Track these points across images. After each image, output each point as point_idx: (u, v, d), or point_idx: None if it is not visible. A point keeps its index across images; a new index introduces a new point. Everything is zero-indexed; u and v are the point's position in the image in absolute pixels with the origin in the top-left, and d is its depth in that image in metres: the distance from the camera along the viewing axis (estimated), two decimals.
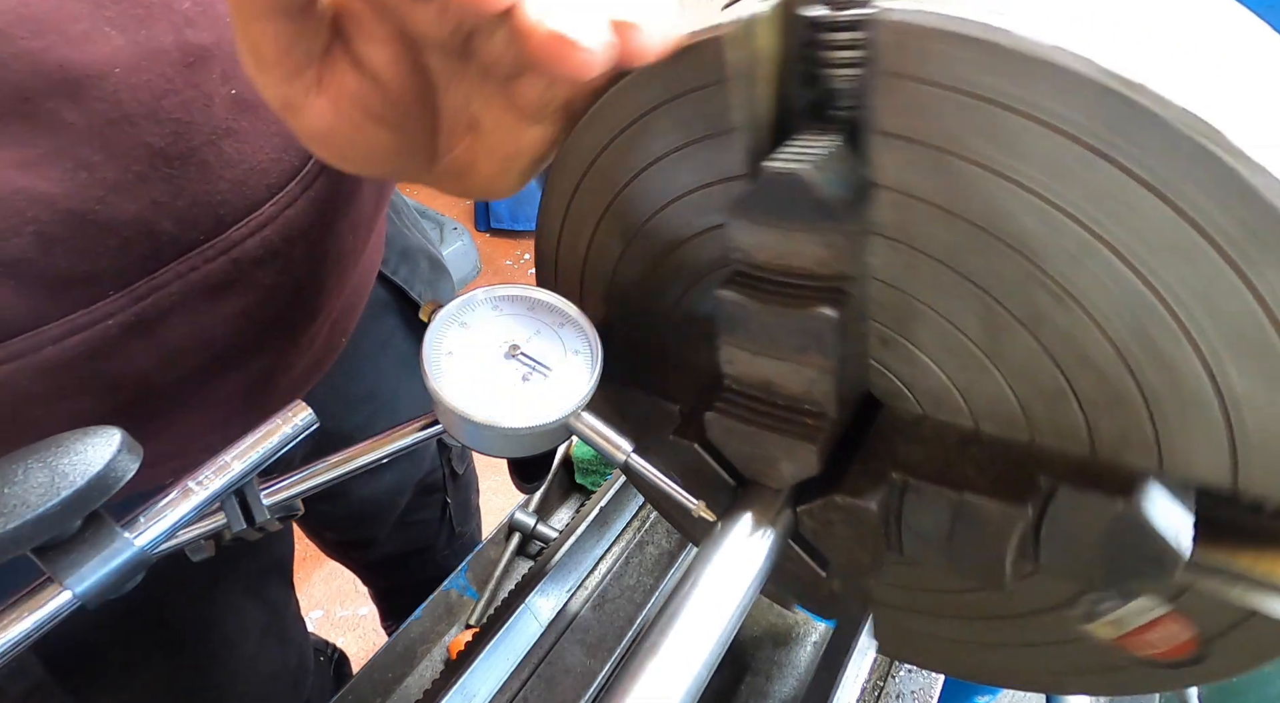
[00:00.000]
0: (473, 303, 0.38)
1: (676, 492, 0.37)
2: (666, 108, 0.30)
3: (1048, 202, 0.23)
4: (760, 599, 0.37)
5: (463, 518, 1.04)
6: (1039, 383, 0.27)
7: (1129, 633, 0.30)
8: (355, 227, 0.54)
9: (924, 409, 0.32)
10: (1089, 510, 0.26)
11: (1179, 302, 0.23)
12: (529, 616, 0.58)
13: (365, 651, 1.59)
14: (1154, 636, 0.29)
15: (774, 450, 0.33)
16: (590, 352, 0.37)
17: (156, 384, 0.44)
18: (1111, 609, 0.30)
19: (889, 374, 0.32)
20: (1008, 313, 0.27)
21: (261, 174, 0.43)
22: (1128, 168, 0.21)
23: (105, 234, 0.38)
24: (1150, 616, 0.29)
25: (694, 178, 0.32)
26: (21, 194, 0.34)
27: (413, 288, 0.71)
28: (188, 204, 0.40)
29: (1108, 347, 0.25)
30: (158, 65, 0.37)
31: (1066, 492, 0.27)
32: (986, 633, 0.37)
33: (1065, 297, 0.25)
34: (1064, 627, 0.33)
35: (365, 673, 0.71)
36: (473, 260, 2.32)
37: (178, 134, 0.38)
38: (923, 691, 0.58)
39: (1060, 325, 0.26)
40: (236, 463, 0.34)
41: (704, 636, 0.29)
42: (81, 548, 0.30)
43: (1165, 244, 0.22)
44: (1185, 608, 0.28)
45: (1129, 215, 0.22)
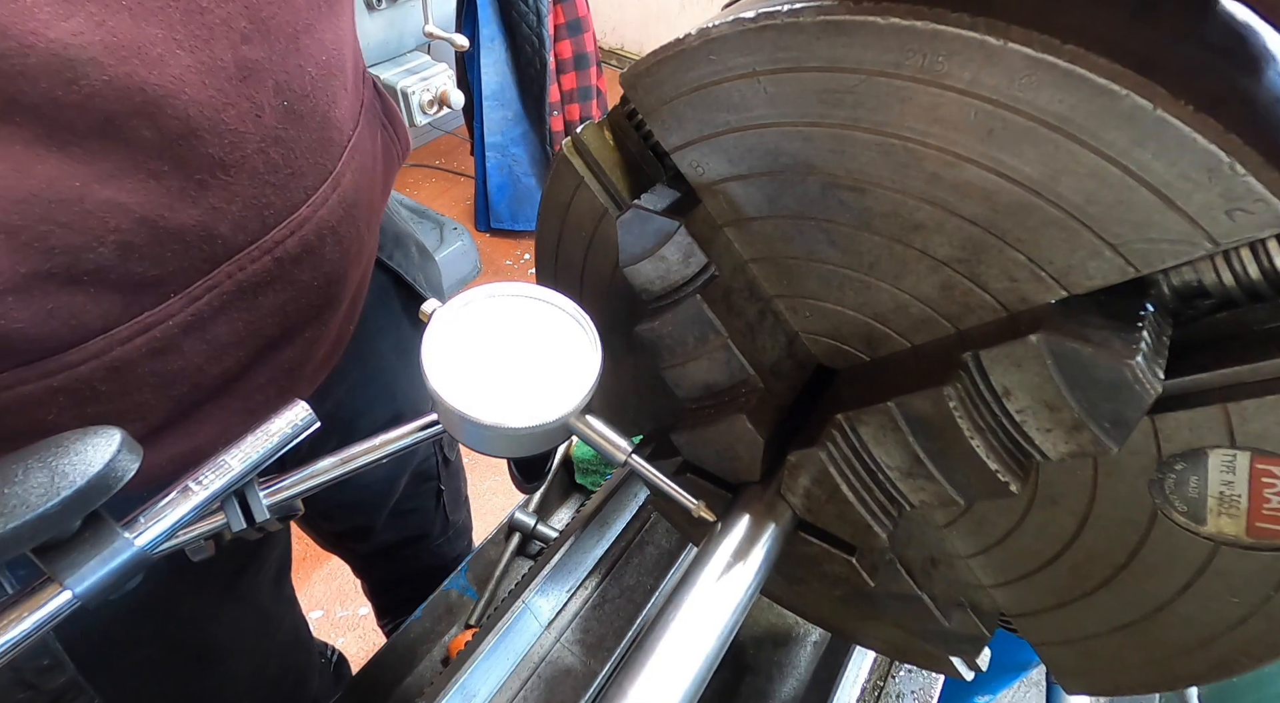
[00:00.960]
0: (473, 303, 0.37)
1: (676, 492, 0.37)
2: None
3: (800, 125, 0.28)
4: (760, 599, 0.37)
5: (455, 505, 1.05)
6: (914, 270, 0.29)
7: (1252, 513, 0.26)
8: (369, 219, 0.57)
9: (864, 352, 0.33)
10: (1017, 361, 0.25)
11: (973, 156, 0.25)
12: (529, 616, 0.58)
13: (365, 651, 1.59)
14: (1274, 502, 0.25)
15: (726, 438, 0.34)
16: (590, 351, 0.37)
17: (206, 378, 0.47)
18: (1193, 482, 0.27)
19: (817, 337, 0.34)
20: (844, 227, 0.29)
21: (300, 177, 0.46)
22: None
23: (172, 239, 0.40)
24: (1234, 474, 0.26)
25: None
26: (107, 205, 0.37)
27: (408, 273, 0.73)
28: (240, 208, 0.43)
29: (933, 210, 0.27)
30: (218, 80, 0.39)
31: (988, 355, 0.26)
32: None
33: (869, 187, 0.28)
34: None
35: (365, 673, 0.71)
36: (473, 260, 2.32)
37: (234, 144, 0.41)
38: (923, 690, 0.58)
39: (883, 211, 0.28)
40: (236, 463, 0.34)
41: (704, 636, 0.29)
42: (81, 548, 0.30)
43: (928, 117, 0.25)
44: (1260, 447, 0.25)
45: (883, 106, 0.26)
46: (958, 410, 0.27)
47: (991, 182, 0.25)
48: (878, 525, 0.32)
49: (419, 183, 2.75)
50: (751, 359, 0.34)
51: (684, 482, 0.38)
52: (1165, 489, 0.27)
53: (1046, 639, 0.34)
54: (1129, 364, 0.23)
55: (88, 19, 0.33)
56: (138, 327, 0.41)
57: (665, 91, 0.30)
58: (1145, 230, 0.23)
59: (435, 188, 2.75)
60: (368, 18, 1.65)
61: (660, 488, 0.37)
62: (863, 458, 0.31)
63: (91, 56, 0.33)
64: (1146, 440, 0.27)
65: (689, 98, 0.29)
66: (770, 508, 0.34)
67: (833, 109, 0.26)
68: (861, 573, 0.34)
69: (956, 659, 0.38)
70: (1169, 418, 0.26)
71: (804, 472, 0.33)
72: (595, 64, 2.15)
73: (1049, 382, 0.25)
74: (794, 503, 0.34)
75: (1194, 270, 0.24)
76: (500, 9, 1.99)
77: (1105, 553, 0.30)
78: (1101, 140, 0.22)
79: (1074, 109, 0.22)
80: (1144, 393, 0.23)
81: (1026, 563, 0.33)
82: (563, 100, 2.16)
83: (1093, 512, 0.29)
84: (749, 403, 0.34)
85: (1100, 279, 0.25)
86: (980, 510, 0.32)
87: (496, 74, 2.10)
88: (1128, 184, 0.23)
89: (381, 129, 0.60)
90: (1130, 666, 0.32)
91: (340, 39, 0.49)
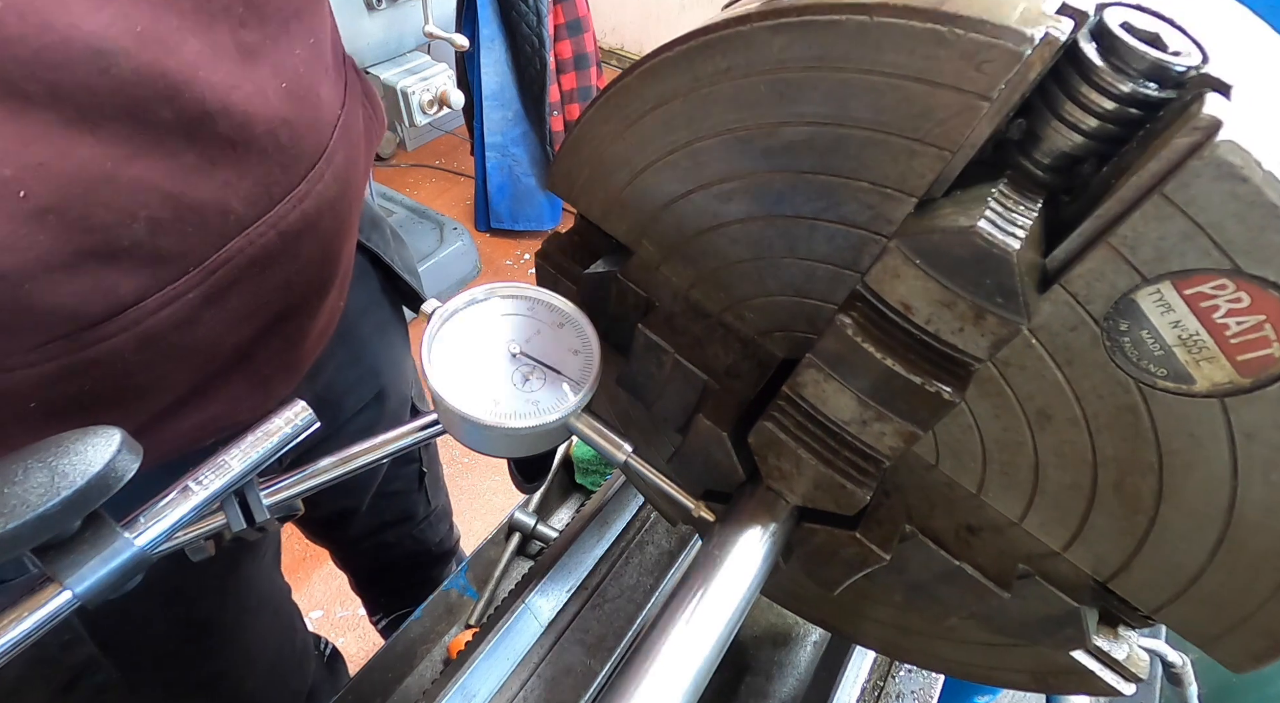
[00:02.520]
0: (473, 303, 0.37)
1: (675, 491, 0.37)
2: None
3: (662, 157, 0.32)
4: (760, 599, 0.37)
5: (435, 488, 1.08)
6: (798, 235, 0.31)
7: (1223, 347, 0.24)
8: (358, 193, 0.60)
9: (811, 331, 0.34)
10: (894, 272, 0.27)
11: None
12: (529, 616, 0.58)
13: (365, 651, 1.59)
14: (1234, 327, 0.24)
15: (698, 445, 0.36)
16: (590, 352, 0.37)
17: (222, 349, 0.50)
18: (1147, 338, 0.25)
19: (769, 333, 0.35)
20: (734, 224, 0.32)
21: (300, 154, 0.48)
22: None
23: (192, 214, 0.43)
24: (1174, 311, 0.24)
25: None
26: (136, 183, 0.39)
27: (385, 253, 0.75)
28: (250, 185, 0.45)
29: (781, 176, 0.30)
30: (224, 63, 0.41)
31: (869, 277, 0.27)
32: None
33: (730, 180, 0.31)
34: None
35: (365, 673, 0.71)
36: (473, 260, 2.32)
37: (243, 125, 0.43)
38: (923, 690, 0.58)
39: (751, 195, 0.31)
40: (236, 463, 0.34)
41: (704, 636, 0.29)
42: (81, 548, 0.30)
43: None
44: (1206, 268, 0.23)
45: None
46: (859, 336, 0.28)
47: (805, 132, 0.28)
48: (851, 483, 0.32)
49: (419, 183, 2.75)
50: (704, 367, 0.36)
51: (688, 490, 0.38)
52: (1130, 358, 0.26)
53: (1158, 599, 0.31)
54: (971, 229, 0.24)
55: (116, 11, 0.35)
56: (164, 298, 0.43)
57: (575, 175, 0.36)
58: (932, 113, 0.25)
59: (435, 188, 2.75)
60: (367, 18, 1.64)
61: (660, 488, 0.37)
62: (817, 420, 0.32)
63: (123, 46, 0.36)
64: (1072, 311, 0.26)
65: (591, 172, 0.35)
66: (764, 503, 0.34)
67: (675, 132, 0.31)
68: (872, 547, 0.33)
69: (1094, 664, 0.35)
70: (1073, 279, 0.25)
71: (768, 450, 0.33)
72: (595, 64, 2.15)
73: (929, 280, 0.26)
74: (780, 490, 0.34)
75: (1048, 141, 0.25)
76: (500, 9, 1.99)
77: (1134, 461, 0.28)
78: (854, 61, 0.26)
79: (823, 48, 0.26)
80: (1002, 253, 0.24)
81: (1073, 504, 0.31)
82: (563, 100, 2.16)
83: (1087, 414, 0.28)
84: (706, 404, 0.36)
85: (930, 173, 0.26)
86: (996, 459, 0.32)
87: (496, 74, 2.10)
88: (894, 85, 0.25)
89: (362, 107, 0.62)
90: (1265, 599, 0.28)
91: (322, 23, 0.52)
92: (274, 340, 0.54)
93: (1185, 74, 0.23)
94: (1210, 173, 0.21)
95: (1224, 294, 0.23)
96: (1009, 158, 0.26)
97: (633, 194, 0.34)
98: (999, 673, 0.40)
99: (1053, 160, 0.26)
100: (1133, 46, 0.23)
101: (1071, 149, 0.25)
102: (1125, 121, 0.24)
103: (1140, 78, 0.23)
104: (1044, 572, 0.33)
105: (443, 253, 2.21)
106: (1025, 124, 0.26)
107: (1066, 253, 0.25)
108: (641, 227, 0.35)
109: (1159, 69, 0.23)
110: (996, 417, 0.30)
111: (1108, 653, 0.35)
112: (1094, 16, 0.24)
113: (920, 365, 0.28)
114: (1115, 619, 0.35)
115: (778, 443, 0.32)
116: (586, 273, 0.39)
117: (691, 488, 0.38)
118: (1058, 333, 0.27)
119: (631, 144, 0.33)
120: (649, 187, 0.34)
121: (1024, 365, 0.28)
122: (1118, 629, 0.35)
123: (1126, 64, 0.23)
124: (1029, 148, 0.26)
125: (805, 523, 0.35)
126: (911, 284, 0.26)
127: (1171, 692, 0.59)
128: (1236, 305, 0.23)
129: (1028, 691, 0.40)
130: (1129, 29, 0.23)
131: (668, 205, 0.34)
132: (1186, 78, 0.23)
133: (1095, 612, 0.34)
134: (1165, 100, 0.23)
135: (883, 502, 0.35)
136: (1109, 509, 0.30)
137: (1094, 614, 0.34)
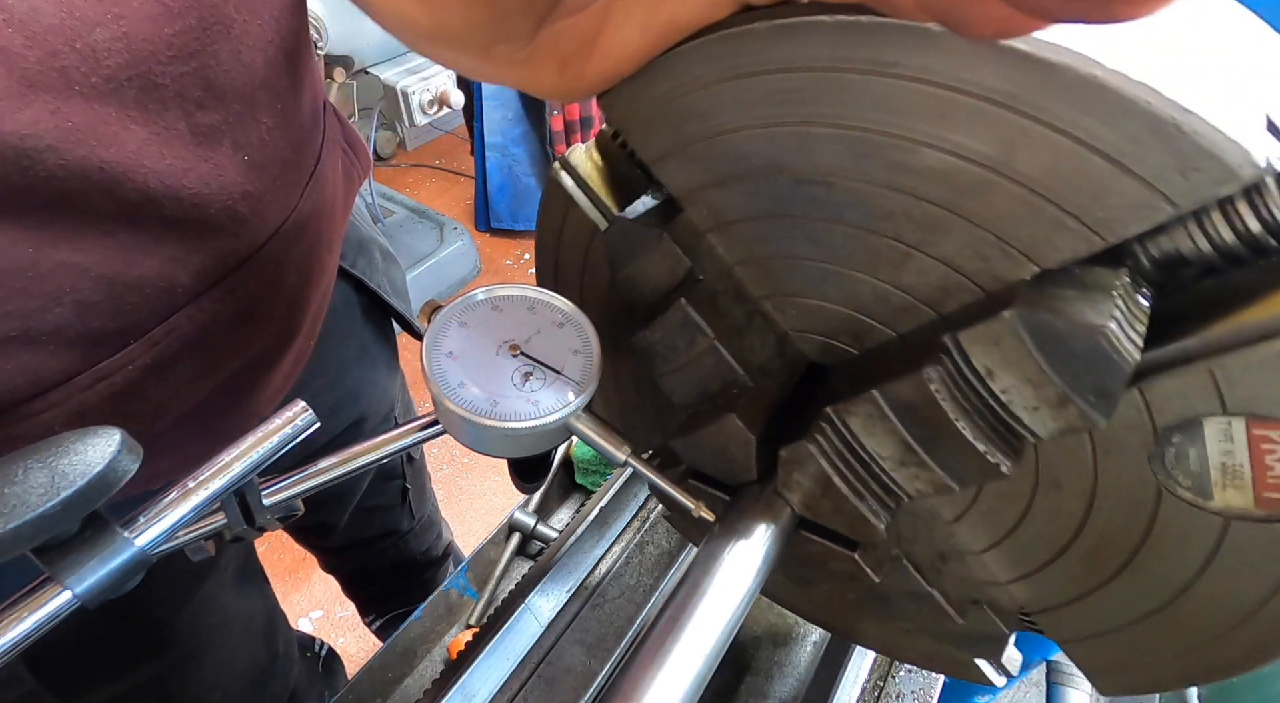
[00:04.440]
0: (473, 303, 0.37)
1: (676, 492, 0.37)
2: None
3: (764, 127, 0.28)
4: (760, 599, 0.37)
5: (420, 500, 1.06)
6: (888, 258, 0.29)
7: (1258, 483, 0.25)
8: (331, 243, 0.57)
9: (853, 346, 0.33)
10: (995, 340, 0.25)
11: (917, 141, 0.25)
12: (529, 616, 0.58)
13: (365, 651, 1.59)
14: (1278, 469, 0.25)
15: (719, 439, 0.35)
16: (590, 351, 0.37)
17: (167, 414, 0.47)
18: (1192, 455, 0.26)
19: (806, 334, 0.34)
20: (817, 222, 0.30)
21: (263, 221, 0.46)
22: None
23: (131, 293, 0.40)
24: (1232, 443, 0.25)
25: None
26: (61, 267, 0.37)
27: (371, 279, 0.73)
28: (202, 258, 0.43)
29: (898, 197, 0.27)
30: (174, 149, 0.39)
31: (966, 335, 0.26)
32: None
33: (835, 180, 0.28)
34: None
35: (365, 673, 0.71)
36: (473, 260, 2.32)
37: (196, 205, 0.40)
38: (923, 690, 0.58)
39: (850, 202, 0.28)
40: (236, 463, 0.34)
41: (704, 636, 0.29)
42: (81, 548, 0.30)
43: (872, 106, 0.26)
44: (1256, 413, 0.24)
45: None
46: (940, 393, 0.27)
47: (950, 163, 0.25)
48: (874, 517, 0.32)
49: (419, 183, 2.75)
50: (739, 359, 0.34)
51: (687, 487, 0.38)
52: (1166, 464, 0.27)
53: (1072, 635, 0.33)
54: (1102, 330, 0.23)
55: (42, 107, 0.33)
56: (98, 374, 0.41)
57: (638, 107, 0.31)
58: (1105, 198, 0.23)
59: (435, 188, 2.75)
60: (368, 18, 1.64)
61: (660, 488, 0.37)
62: (854, 449, 0.31)
63: (49, 143, 0.33)
64: (1138, 414, 0.26)
65: (660, 111, 0.30)
66: (769, 507, 0.34)
67: (791, 107, 0.27)
68: (866, 569, 0.34)
69: (984, 664, 0.38)
70: (1156, 387, 0.25)
71: (797, 467, 0.33)
72: None
73: (1028, 357, 0.25)
74: (791, 500, 0.34)
75: (1171, 239, 0.24)
76: None
77: (1117, 537, 0.29)
78: (1049, 112, 0.23)
79: (1019, 85, 0.23)
80: (1121, 361, 0.23)
81: (1040, 553, 0.32)
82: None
83: (1098, 494, 0.29)
84: (738, 402, 0.34)
85: (1069, 252, 0.25)
86: (988, 502, 0.32)
87: None
88: (1080, 153, 0.23)
89: (343, 155, 0.60)
90: (1163, 658, 0.31)
91: (298, 84, 0.48)
92: (228, 397, 0.52)
93: None
94: None
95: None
96: (1124, 244, 0.24)
97: (708, 151, 0.31)
98: (900, 650, 0.42)
99: (1164, 257, 0.24)
100: None
101: (1190, 253, 0.24)
102: (1258, 248, 0.23)
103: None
104: (988, 599, 0.35)
105: (443, 253, 2.21)
106: None
107: (1160, 361, 0.25)
108: (705, 188, 0.32)
109: None
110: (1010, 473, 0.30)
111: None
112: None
113: (984, 431, 0.27)
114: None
115: (813, 465, 0.32)
116: (619, 218, 0.35)
117: (676, 461, 0.39)
118: (1114, 429, 0.27)
119: (730, 98, 0.29)
120: (732, 150, 0.30)
121: (1062, 443, 0.28)
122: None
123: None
124: (1147, 238, 0.24)
125: (803, 532, 0.35)
126: (1007, 354, 0.25)
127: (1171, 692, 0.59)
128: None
129: (917, 666, 0.45)
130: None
131: (746, 177, 0.31)
132: None
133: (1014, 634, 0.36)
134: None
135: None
136: (1069, 566, 0.31)
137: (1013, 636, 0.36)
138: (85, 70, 0.34)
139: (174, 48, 0.37)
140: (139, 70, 0.36)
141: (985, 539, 0.33)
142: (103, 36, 0.34)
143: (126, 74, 0.35)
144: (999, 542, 0.33)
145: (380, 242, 0.79)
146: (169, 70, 0.37)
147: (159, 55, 0.36)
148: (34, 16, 0.32)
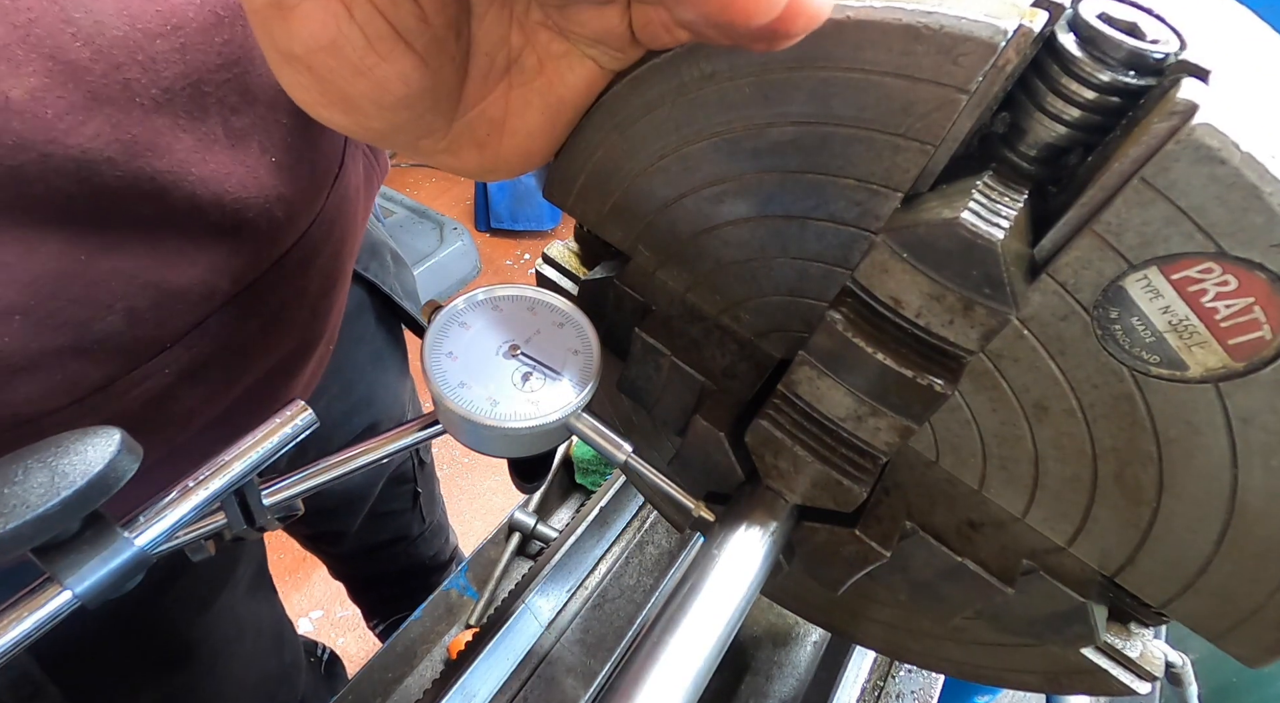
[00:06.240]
0: (473, 303, 0.37)
1: (675, 491, 0.37)
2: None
3: (654, 163, 0.32)
4: (760, 599, 0.37)
5: (430, 505, 1.07)
6: (789, 233, 0.31)
7: (1215, 332, 0.24)
8: (351, 247, 0.57)
9: (805, 331, 0.34)
10: (882, 267, 0.27)
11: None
12: (529, 616, 0.58)
13: (365, 651, 1.59)
14: (1223, 310, 0.24)
15: (696, 446, 0.36)
16: (590, 351, 0.37)
17: (198, 419, 0.47)
18: (1138, 325, 0.25)
19: (766, 334, 0.35)
20: (726, 226, 0.33)
21: (294, 224, 0.47)
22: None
23: (175, 298, 0.41)
24: (1163, 296, 0.24)
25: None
26: (113, 275, 0.37)
27: (384, 282, 0.73)
28: (241, 262, 0.43)
29: (769, 176, 0.30)
30: (213, 153, 0.39)
31: (858, 272, 0.27)
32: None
33: (720, 183, 0.31)
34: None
35: (365, 673, 0.71)
36: (473, 260, 2.32)
37: (236, 209, 0.41)
38: (923, 690, 0.58)
39: (741, 197, 0.31)
40: (236, 463, 0.34)
41: (704, 636, 0.29)
42: (81, 548, 0.30)
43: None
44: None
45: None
46: (850, 332, 0.28)
47: (790, 132, 0.28)
48: (848, 479, 0.32)
49: (419, 183, 2.75)
50: (701, 369, 0.36)
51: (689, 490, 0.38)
52: (1123, 346, 0.26)
53: (1165, 592, 0.31)
54: (955, 220, 0.24)
55: (105, 121, 0.33)
56: (135, 379, 0.42)
57: (571, 186, 0.36)
58: (913, 108, 0.25)
59: (435, 188, 2.75)
60: None
61: (659, 488, 0.37)
62: (814, 418, 0.32)
63: (108, 156, 0.34)
64: (1061, 300, 0.26)
65: (586, 182, 0.35)
66: (763, 502, 0.34)
67: (665, 138, 0.31)
68: (871, 543, 0.33)
69: (1122, 672, 0.35)
70: (1061, 267, 0.25)
71: (765, 449, 0.33)
72: None
73: (917, 273, 0.26)
74: (779, 488, 0.34)
75: (1033, 133, 0.25)
76: None
77: (1130, 448, 0.28)
78: (835, 60, 0.26)
79: (804, 48, 0.26)
80: (985, 243, 0.24)
81: (1075, 497, 0.31)
82: None
83: (1082, 403, 0.28)
84: (704, 405, 0.36)
85: (914, 168, 0.26)
86: (994, 453, 0.32)
87: None
88: (875, 81, 0.26)
89: (364, 157, 0.60)
90: (1275, 592, 0.28)
91: None
92: (254, 403, 0.52)
93: (1163, 61, 0.23)
94: (1188, 156, 0.21)
95: (1211, 278, 0.23)
96: (995, 151, 0.26)
97: (626, 200, 0.35)
98: (1009, 674, 0.40)
99: (1038, 152, 0.26)
100: (1110, 35, 0.23)
101: (1056, 140, 0.25)
102: (1107, 111, 0.24)
103: (1119, 66, 0.23)
104: (1049, 567, 0.33)
105: (443, 253, 2.21)
106: (1009, 117, 0.26)
107: (1053, 242, 0.25)
108: (637, 232, 0.36)
109: (1137, 57, 0.23)
110: (994, 410, 0.30)
111: (1120, 650, 0.35)
112: (1071, 8, 0.24)
113: (912, 359, 0.28)
114: (1127, 616, 0.35)
115: (774, 441, 0.32)
116: (584, 279, 0.39)
117: (692, 490, 0.38)
118: (1048, 323, 0.27)
119: (623, 151, 0.33)
120: (642, 192, 0.34)
121: (1018, 358, 0.28)
122: (1129, 627, 0.35)
123: (1104, 53, 0.23)
124: (1014, 141, 0.26)
125: (806, 522, 0.35)
126: (900, 278, 0.27)
127: (1171, 692, 0.59)
128: (1224, 289, 0.23)
129: (1041, 692, 0.40)
130: (1106, 19, 0.23)
131: (661, 210, 0.34)
132: (1165, 64, 0.23)
133: (1104, 608, 0.34)
134: (1145, 88, 0.23)
135: (883, 499, 0.35)
136: (1111, 502, 0.30)
137: (1103, 611, 0.34)
138: (146, 82, 0.35)
139: (223, 56, 0.38)
140: (191, 80, 0.37)
141: (1018, 499, 0.32)
142: (163, 48, 0.35)
143: (181, 84, 0.36)
144: (1032, 498, 0.32)
145: (390, 244, 0.79)
146: (215, 77, 0.38)
147: (209, 64, 0.37)
148: (100, 29, 0.32)
